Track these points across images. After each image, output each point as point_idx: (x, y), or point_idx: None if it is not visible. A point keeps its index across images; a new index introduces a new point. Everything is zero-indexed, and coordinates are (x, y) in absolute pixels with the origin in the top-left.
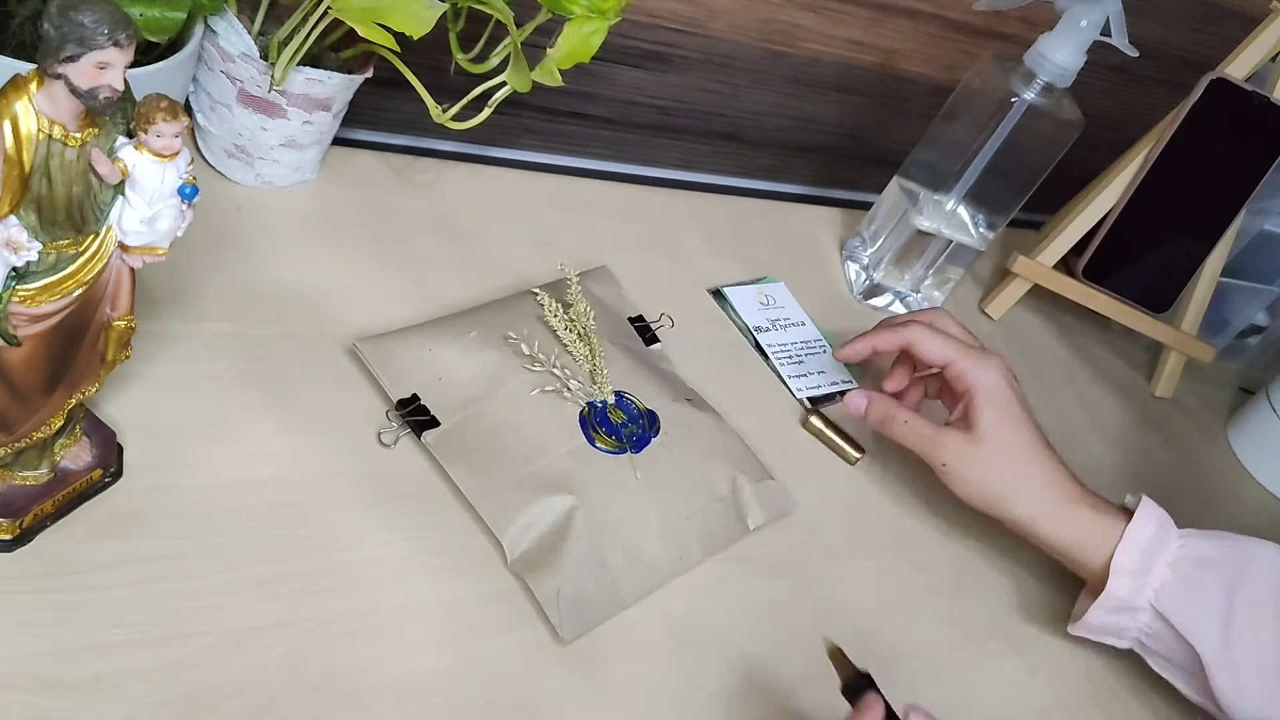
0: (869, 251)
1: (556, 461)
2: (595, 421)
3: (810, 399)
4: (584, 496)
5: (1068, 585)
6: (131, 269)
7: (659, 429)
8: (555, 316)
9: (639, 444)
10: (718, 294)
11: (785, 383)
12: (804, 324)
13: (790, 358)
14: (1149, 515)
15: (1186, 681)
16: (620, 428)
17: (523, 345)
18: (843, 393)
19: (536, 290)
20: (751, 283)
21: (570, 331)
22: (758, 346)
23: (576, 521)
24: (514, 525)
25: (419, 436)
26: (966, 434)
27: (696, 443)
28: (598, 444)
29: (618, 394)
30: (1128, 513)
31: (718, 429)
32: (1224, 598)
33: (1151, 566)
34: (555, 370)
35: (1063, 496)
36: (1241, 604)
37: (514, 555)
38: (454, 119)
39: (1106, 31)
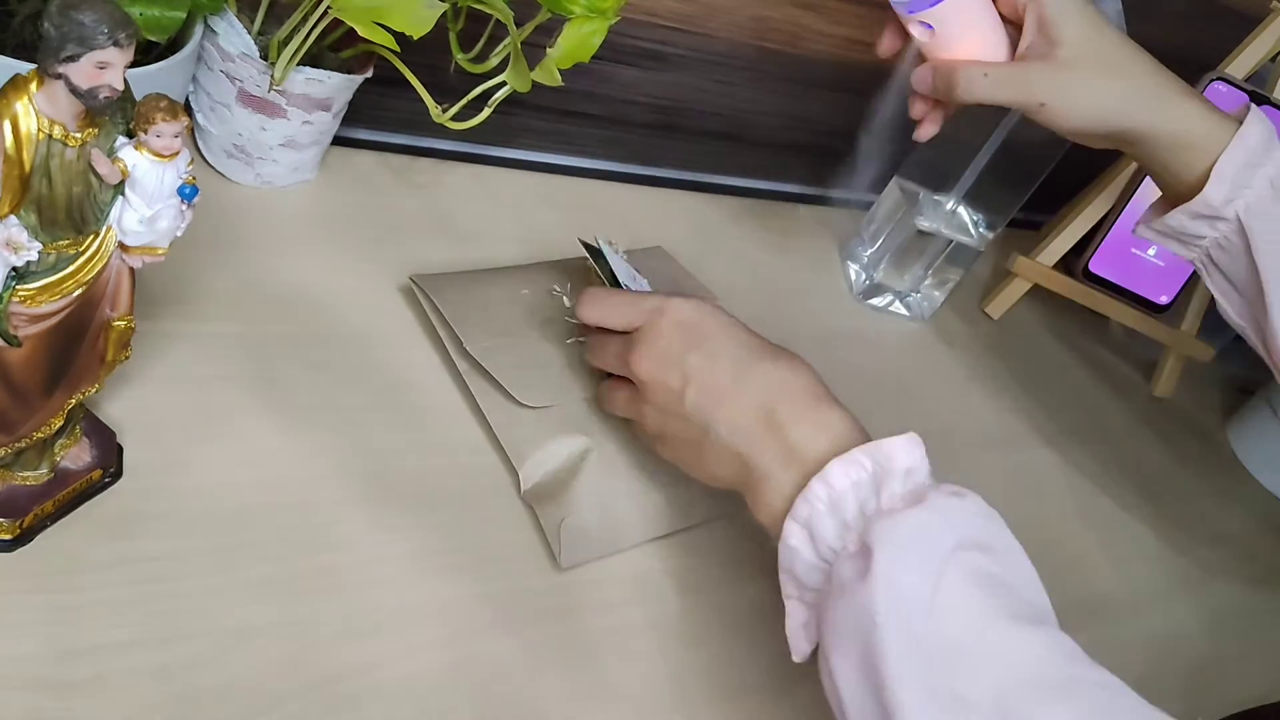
0: (869, 251)
1: (578, 406)
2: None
3: None
4: (599, 441)
5: (1068, 585)
6: (131, 269)
7: None
8: (598, 278)
9: None
10: (593, 248)
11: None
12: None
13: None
14: (1258, 124)
15: (1239, 307)
16: None
17: (565, 299)
18: None
19: (587, 251)
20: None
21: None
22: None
23: (590, 463)
24: (531, 459)
25: (463, 345)
26: (1051, 59)
27: None
28: None
29: None
30: (1236, 119)
31: None
32: None
33: (1251, 180)
34: None
35: (1173, 91)
36: None
37: (527, 486)
38: (454, 119)
39: None
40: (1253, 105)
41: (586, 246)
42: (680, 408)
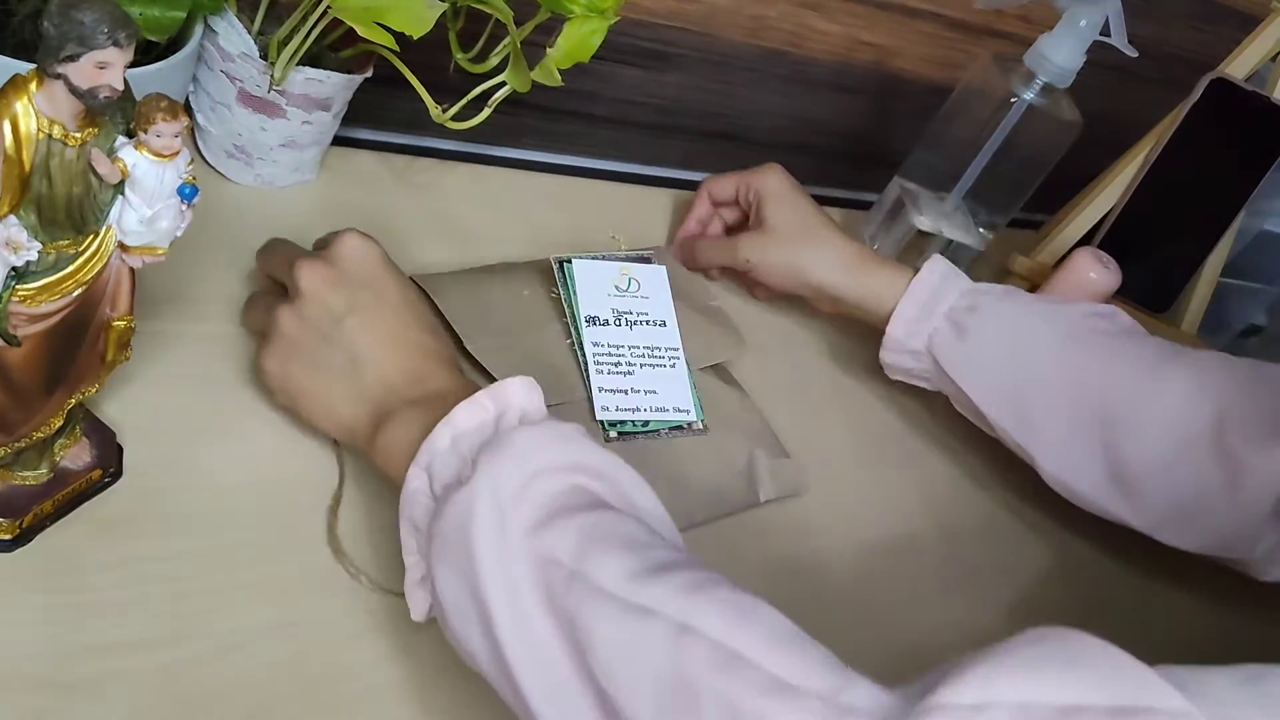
0: None
1: (578, 406)
2: None
3: (611, 422)
4: (597, 439)
5: (1068, 587)
6: (131, 269)
7: None
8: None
9: None
10: (563, 264)
11: (590, 393)
12: (664, 325)
13: (614, 365)
14: (932, 268)
15: (976, 418)
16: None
17: (565, 304)
18: (675, 427)
19: (556, 272)
20: (622, 257)
21: None
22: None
23: None
24: None
25: (463, 345)
26: (759, 229)
27: (718, 413)
28: None
29: None
30: (914, 269)
31: (740, 403)
32: (985, 342)
33: (930, 315)
34: None
35: (856, 258)
36: (997, 347)
37: None
38: (453, 118)
39: (1106, 31)
40: (936, 256)
41: (558, 265)
42: (334, 330)
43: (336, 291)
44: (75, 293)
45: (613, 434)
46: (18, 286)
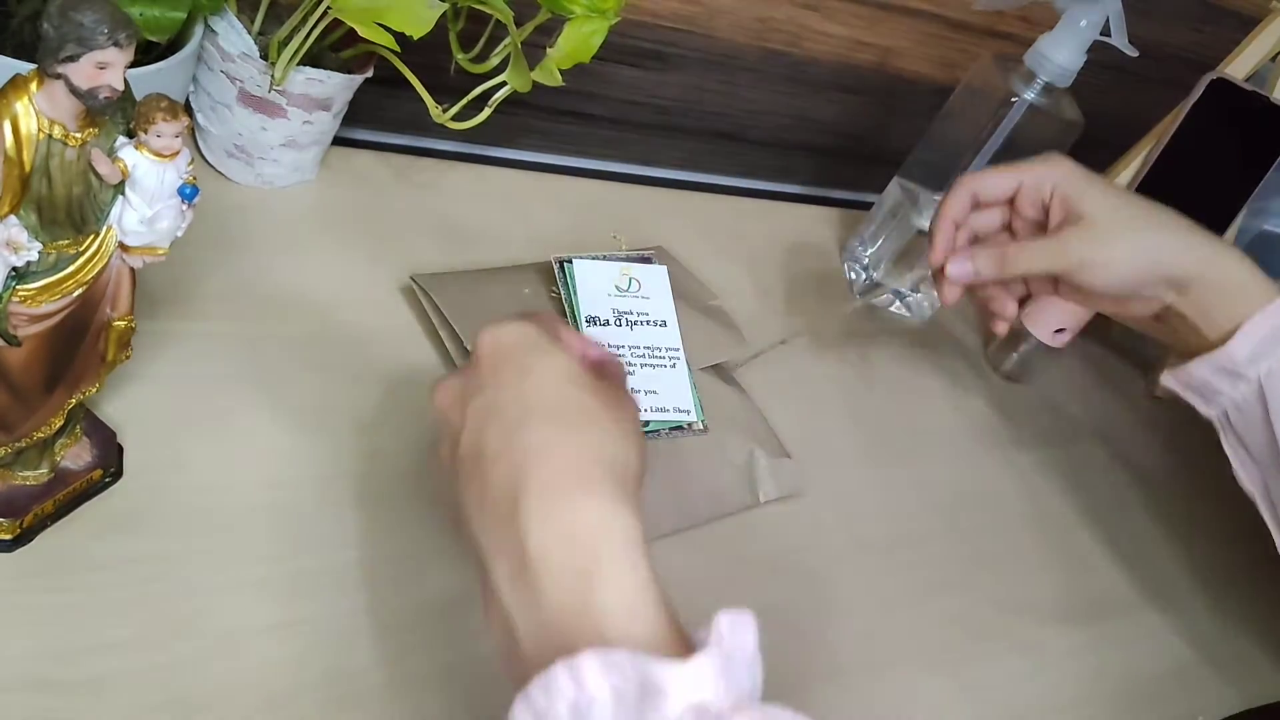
0: (869, 251)
1: None
2: None
3: None
4: None
5: (1068, 585)
6: (132, 269)
7: None
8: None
9: None
10: (564, 264)
11: None
12: (665, 325)
13: None
14: None
15: (1252, 474)
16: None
17: (565, 304)
18: (676, 427)
19: (557, 271)
20: (623, 257)
21: None
22: None
23: None
24: None
25: (464, 345)
26: (1079, 225)
27: (718, 413)
28: None
29: None
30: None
31: (741, 403)
32: None
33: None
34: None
35: (1217, 240)
36: None
37: None
38: (454, 119)
39: (1106, 31)
40: None
41: (559, 265)
42: (448, 460)
43: (451, 408)
44: (76, 293)
45: None
46: (18, 286)
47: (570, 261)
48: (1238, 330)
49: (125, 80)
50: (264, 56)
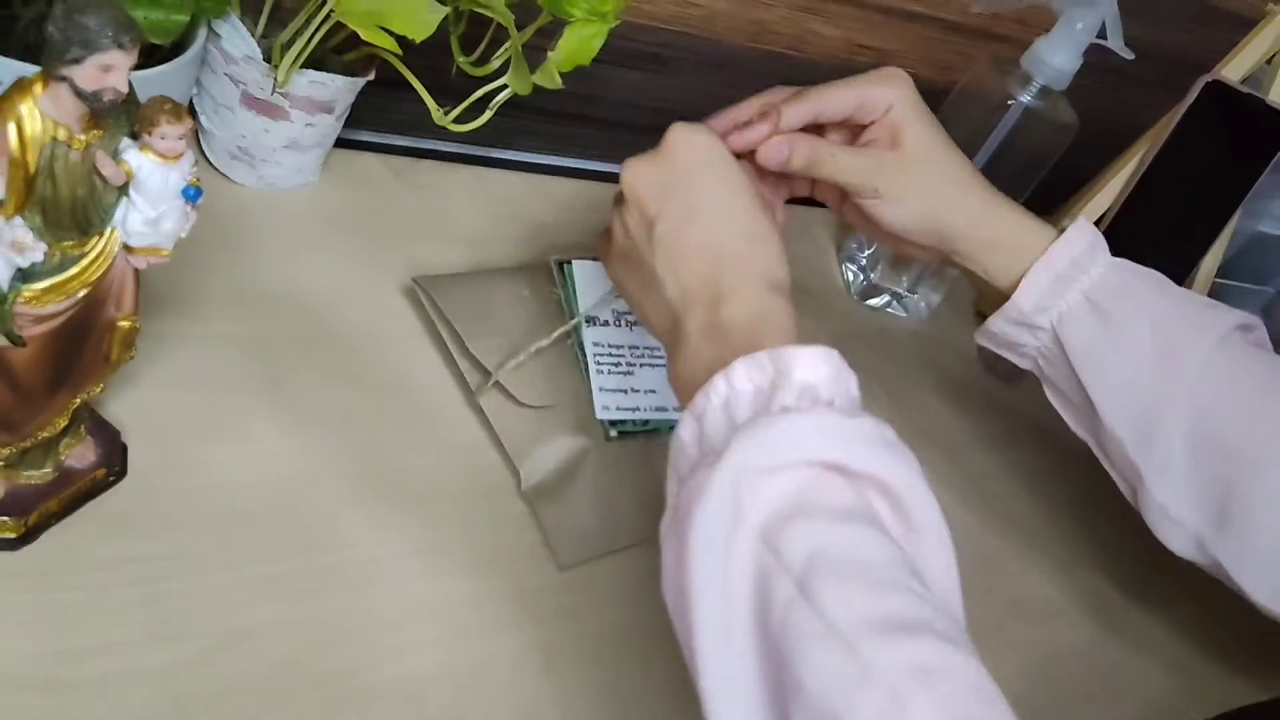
0: (866, 253)
1: (579, 406)
2: None
3: (612, 422)
4: (599, 441)
5: (1068, 585)
6: (136, 270)
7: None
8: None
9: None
10: (563, 265)
11: (591, 393)
12: None
13: (614, 365)
14: (1079, 235)
15: (1076, 419)
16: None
17: (565, 305)
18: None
19: (556, 272)
20: None
21: None
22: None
23: (590, 462)
24: (531, 457)
25: (465, 345)
26: (896, 152)
27: None
28: None
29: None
30: (1060, 229)
31: None
32: (1130, 337)
33: (1065, 291)
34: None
35: (1001, 202)
36: (1144, 345)
37: (528, 485)
38: (455, 121)
39: (1103, 34)
40: (1081, 218)
41: (558, 266)
42: (647, 237)
43: (650, 194)
44: (80, 293)
45: (613, 434)
46: (23, 287)
47: (569, 262)
48: (1020, 283)
49: (129, 83)
50: (267, 59)
